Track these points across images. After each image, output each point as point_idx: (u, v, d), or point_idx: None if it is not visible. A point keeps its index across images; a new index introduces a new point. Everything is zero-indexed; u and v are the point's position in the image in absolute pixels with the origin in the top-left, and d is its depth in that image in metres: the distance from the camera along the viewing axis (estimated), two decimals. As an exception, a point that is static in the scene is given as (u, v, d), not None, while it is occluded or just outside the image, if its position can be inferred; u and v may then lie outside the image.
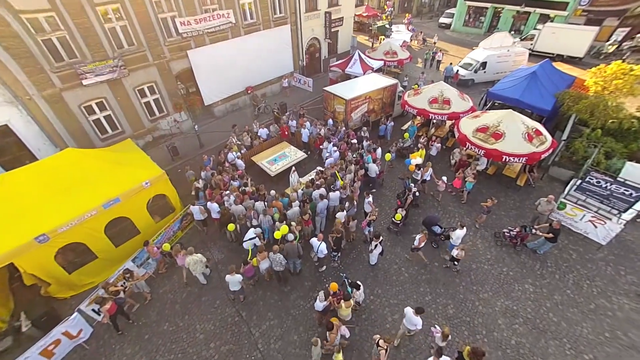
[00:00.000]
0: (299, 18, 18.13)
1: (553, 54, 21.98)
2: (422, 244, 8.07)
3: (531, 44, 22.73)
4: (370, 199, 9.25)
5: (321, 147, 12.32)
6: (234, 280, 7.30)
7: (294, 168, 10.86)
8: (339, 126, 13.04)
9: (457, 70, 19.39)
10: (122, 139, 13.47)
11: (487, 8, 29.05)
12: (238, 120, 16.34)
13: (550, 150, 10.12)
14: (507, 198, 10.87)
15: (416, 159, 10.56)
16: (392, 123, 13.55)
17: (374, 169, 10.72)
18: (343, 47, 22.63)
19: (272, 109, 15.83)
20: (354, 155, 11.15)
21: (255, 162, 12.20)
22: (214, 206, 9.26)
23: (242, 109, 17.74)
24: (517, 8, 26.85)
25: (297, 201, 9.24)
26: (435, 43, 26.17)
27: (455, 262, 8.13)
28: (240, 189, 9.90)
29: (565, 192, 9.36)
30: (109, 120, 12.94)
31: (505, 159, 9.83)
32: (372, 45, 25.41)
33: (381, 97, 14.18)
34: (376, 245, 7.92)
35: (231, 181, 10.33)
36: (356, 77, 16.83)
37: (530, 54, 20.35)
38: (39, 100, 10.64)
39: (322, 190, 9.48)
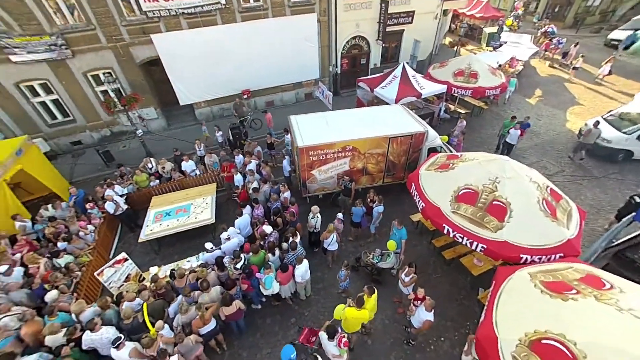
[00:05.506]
0: (334, 6, 12.71)
1: None
2: None
3: None
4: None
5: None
6: None
7: (122, 256, 6.26)
8: (281, 189, 7.53)
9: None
10: (72, 128, 11.87)
11: None
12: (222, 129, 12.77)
13: None
14: None
15: None
16: (382, 207, 7.08)
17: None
18: (408, 54, 15.77)
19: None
20: (239, 267, 5.66)
21: (151, 207, 8.20)
22: None
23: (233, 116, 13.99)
24: None
25: (58, 335, 4.77)
26: (574, 63, 15.82)
27: None
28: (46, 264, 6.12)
29: None
30: (58, 105, 11.28)
31: None
32: (455, 55, 17.33)
33: (383, 151, 7.77)
34: None
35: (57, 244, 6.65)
36: (387, 103, 10.63)
37: None
38: (-42, 70, 9.44)
39: (108, 334, 4.70)
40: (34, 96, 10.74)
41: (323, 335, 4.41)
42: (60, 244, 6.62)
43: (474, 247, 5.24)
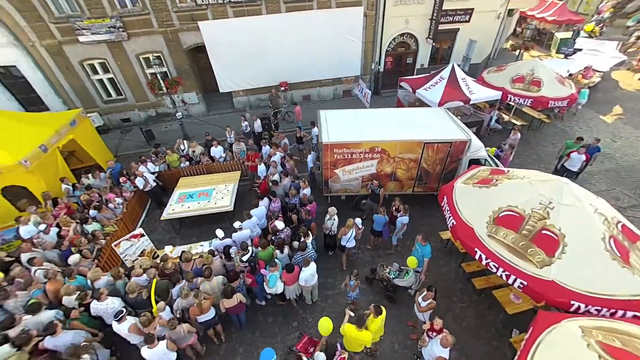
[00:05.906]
0: (383, 0, 11.99)
1: None
2: None
3: None
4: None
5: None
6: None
7: (139, 231, 6.38)
8: (301, 185, 7.20)
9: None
10: (123, 106, 12.83)
11: None
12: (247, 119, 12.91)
13: None
14: None
15: None
16: (407, 218, 6.41)
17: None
18: (461, 56, 14.42)
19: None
20: (245, 260, 5.45)
21: (177, 187, 8.46)
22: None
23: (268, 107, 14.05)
24: None
25: (72, 297, 4.99)
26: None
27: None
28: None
29: None
30: (113, 84, 12.26)
31: None
32: (517, 60, 15.41)
33: (416, 157, 7.03)
34: None
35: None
36: (428, 105, 9.80)
37: None
38: (40, 48, 10.59)
39: (113, 304, 4.78)
40: (93, 74, 11.78)
41: (320, 356, 3.98)
42: (92, 212, 7.05)
43: (510, 282, 4.40)
